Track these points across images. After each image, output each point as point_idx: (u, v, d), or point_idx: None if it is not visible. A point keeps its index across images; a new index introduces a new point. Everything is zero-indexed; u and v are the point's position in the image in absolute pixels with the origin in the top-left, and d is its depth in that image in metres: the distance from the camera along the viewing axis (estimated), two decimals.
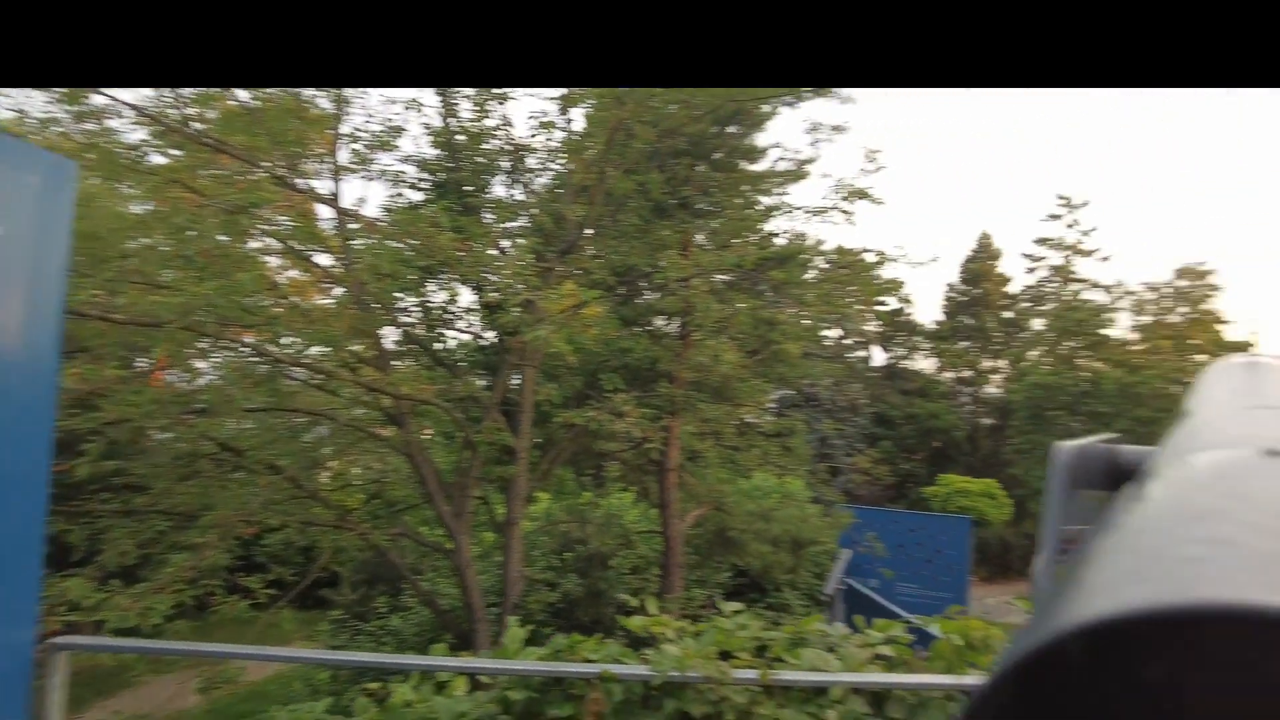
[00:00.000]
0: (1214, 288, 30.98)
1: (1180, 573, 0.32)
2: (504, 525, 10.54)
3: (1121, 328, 31.62)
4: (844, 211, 11.32)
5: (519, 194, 11.45)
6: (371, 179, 10.10)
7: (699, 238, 12.60)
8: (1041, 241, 35.67)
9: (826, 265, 19.87)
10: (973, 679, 2.74)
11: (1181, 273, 31.12)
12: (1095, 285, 33.50)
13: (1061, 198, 34.91)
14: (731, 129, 12.87)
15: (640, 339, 11.96)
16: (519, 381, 10.87)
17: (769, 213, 12.38)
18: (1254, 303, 70.47)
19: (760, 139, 13.57)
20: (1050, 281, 35.62)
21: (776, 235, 13.35)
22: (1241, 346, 32.77)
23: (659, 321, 13.70)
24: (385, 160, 10.20)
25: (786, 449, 13.85)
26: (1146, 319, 31.32)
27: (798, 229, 12.83)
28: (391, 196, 11.26)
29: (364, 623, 12.71)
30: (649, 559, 13.68)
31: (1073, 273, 34.86)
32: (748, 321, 11.51)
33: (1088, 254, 34.63)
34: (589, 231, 10.20)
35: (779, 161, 13.09)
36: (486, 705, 2.82)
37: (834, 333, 36.39)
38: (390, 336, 10.73)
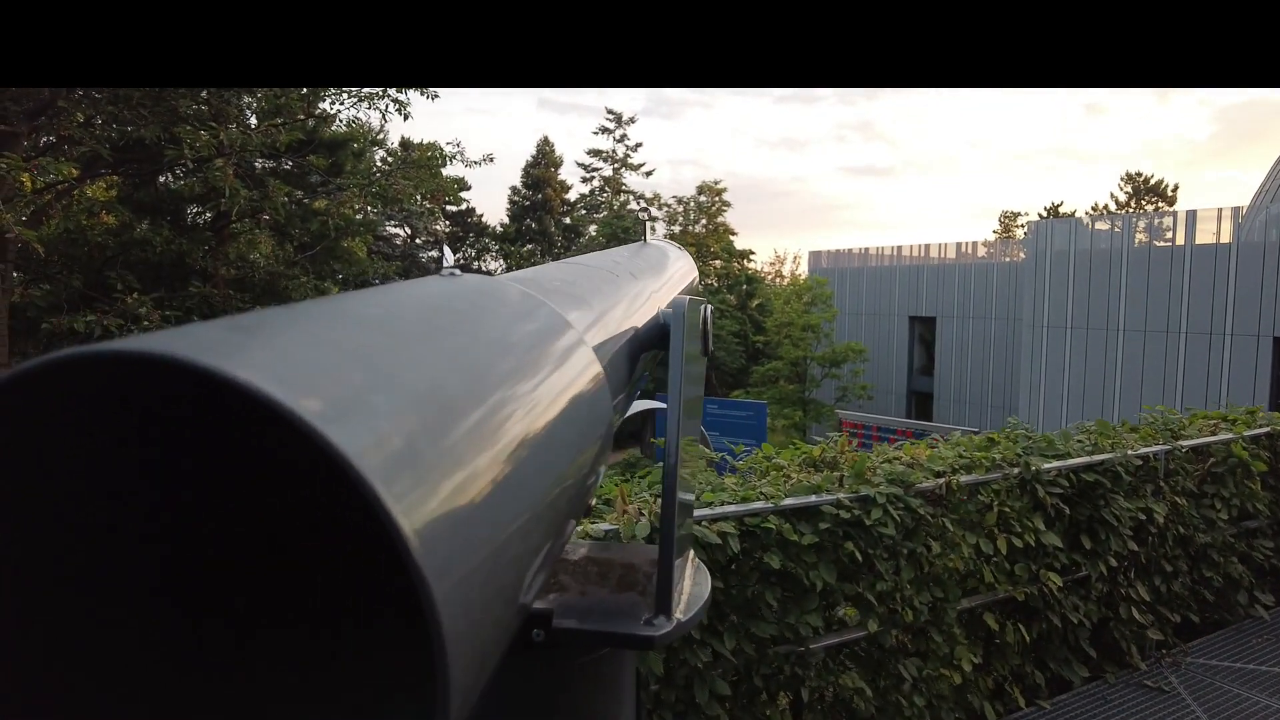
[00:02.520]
0: (726, 204, 36.88)
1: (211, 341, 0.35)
2: None
3: (658, 235, 36.09)
4: (397, 101, 10.80)
5: None
6: None
7: (251, 119, 10.99)
8: (594, 153, 38.73)
9: (389, 158, 18.88)
10: None
11: (701, 189, 36.35)
12: (638, 197, 37.62)
13: (611, 113, 38.05)
14: None
15: (162, 229, 10.20)
16: None
17: (316, 94, 11.27)
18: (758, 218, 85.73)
19: None
20: (602, 191, 39.03)
21: (329, 119, 12.28)
22: (746, 254, 39.88)
23: (194, 210, 11.84)
24: None
25: None
26: (676, 228, 36.18)
27: (360, 117, 11.96)
28: None
29: None
30: None
31: (621, 184, 38.62)
32: (287, 212, 10.50)
33: (634, 168, 38.62)
34: (76, 91, 8.20)
35: None
36: None
37: (403, 231, 35.50)
38: None
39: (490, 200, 74.25)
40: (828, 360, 27.36)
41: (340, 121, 15.46)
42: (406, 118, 11.08)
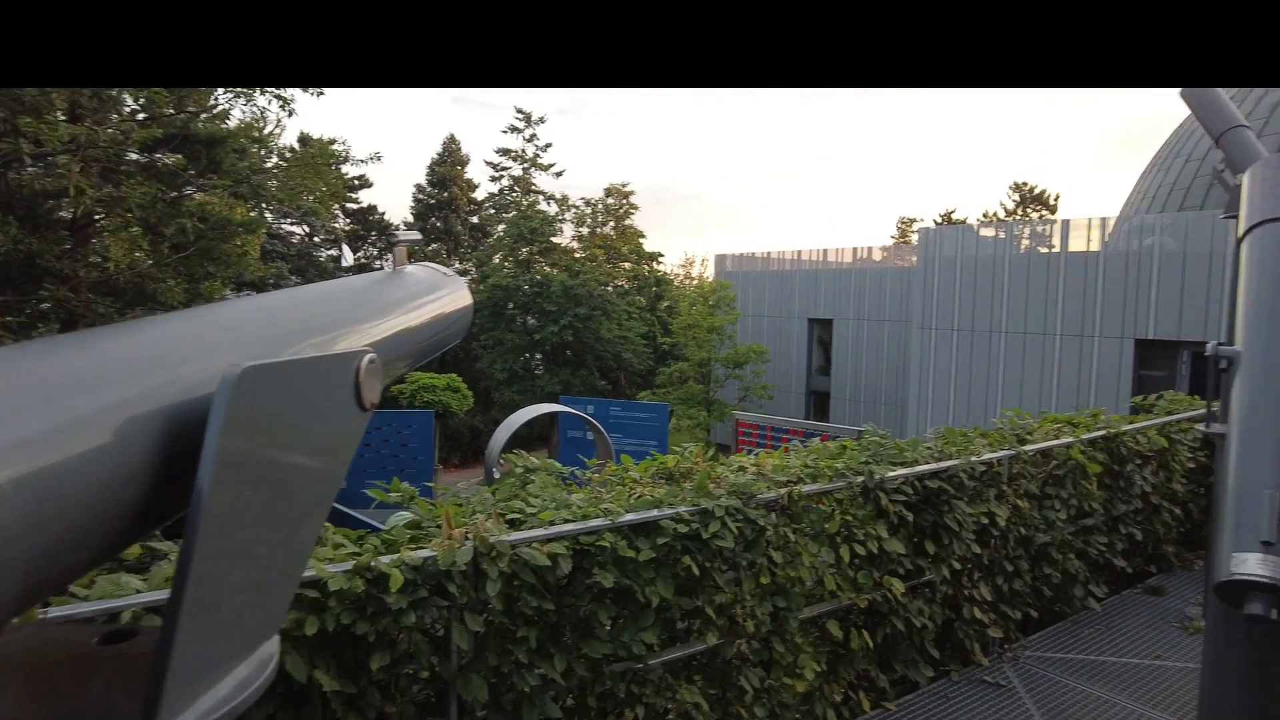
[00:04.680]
0: (634, 206, 36.99)
1: None
2: None
3: (566, 236, 35.91)
4: (279, 98, 10.35)
5: None
6: None
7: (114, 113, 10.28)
8: (504, 152, 38.22)
9: (286, 155, 18.15)
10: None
11: (609, 191, 36.36)
12: (548, 197, 37.32)
13: (521, 112, 37.65)
14: None
15: (9, 227, 9.47)
16: None
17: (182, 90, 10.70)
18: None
19: None
20: (511, 191, 38.55)
21: (206, 113, 11.67)
22: (655, 256, 40.12)
23: (49, 205, 11.02)
24: None
25: None
26: (585, 230, 36.08)
27: (255, 113, 11.40)
28: None
29: None
30: None
31: (531, 184, 38.24)
32: (158, 211, 9.90)
33: (544, 168, 38.28)
34: None
35: None
36: None
37: (300, 229, 34.21)
38: None
39: (395, 198, 72.31)
40: (731, 361, 27.82)
41: (231, 118, 14.77)
42: (290, 114, 10.62)
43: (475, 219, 39.22)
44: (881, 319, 27.03)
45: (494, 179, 38.72)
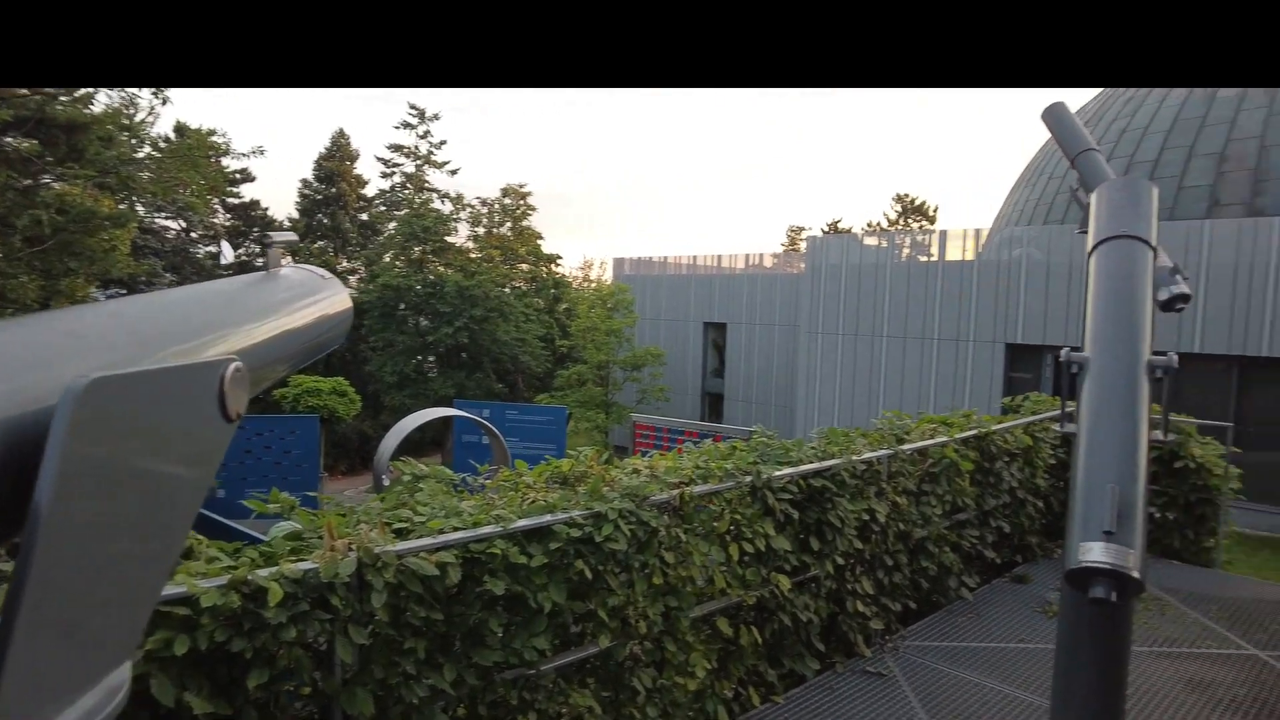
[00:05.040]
0: (531, 207, 36.70)
1: None
2: None
3: (461, 236, 35.26)
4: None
5: None
6: None
7: None
8: (396, 148, 37.16)
9: (159, 145, 17.03)
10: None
11: (506, 191, 35.95)
12: (443, 196, 36.52)
13: (414, 108, 36.72)
14: None
15: None
16: None
17: None
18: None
19: None
20: (404, 188, 37.52)
21: (67, 95, 10.83)
22: (553, 258, 39.93)
23: None
24: None
25: None
26: (481, 230, 35.52)
27: (116, 101, 10.61)
28: None
29: None
30: None
31: (425, 181, 37.33)
32: (8, 201, 9.11)
33: (439, 165, 37.43)
34: None
35: None
36: None
37: (176, 224, 32.21)
38: None
39: (281, 193, 69.11)
40: (629, 364, 28.02)
41: (96, 102, 13.71)
42: (165, 101, 9.98)
43: (365, 216, 37.97)
44: (772, 323, 27.83)
45: (385, 175, 37.60)
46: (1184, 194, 19.89)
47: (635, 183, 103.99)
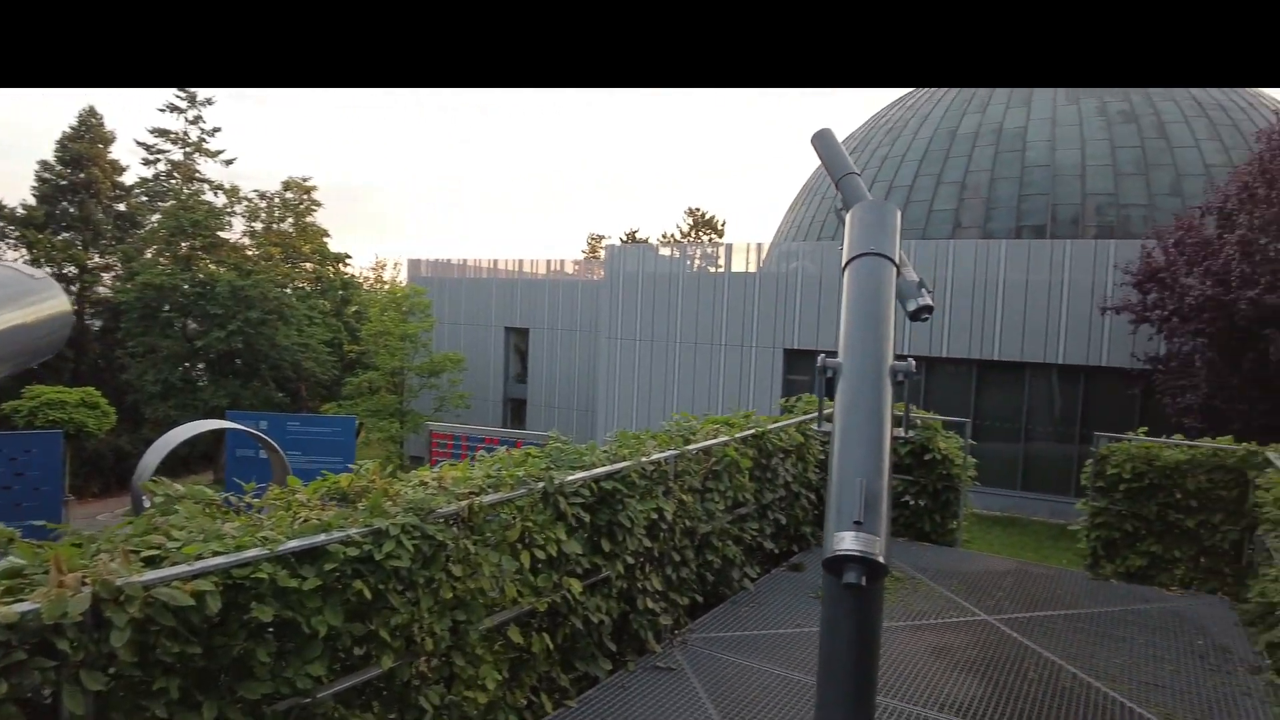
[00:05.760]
0: (316, 203, 34.50)
1: None
2: None
3: (237, 231, 32.43)
4: None
5: None
6: None
7: None
8: (161, 133, 33.51)
9: None
10: None
11: (287, 185, 33.55)
12: (216, 187, 33.37)
13: (182, 91, 33.30)
14: None
15: None
16: None
17: None
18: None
19: None
20: (170, 178, 33.88)
21: None
22: (342, 257, 37.71)
23: None
24: None
25: None
26: (259, 225, 32.87)
27: None
28: None
29: None
30: None
31: (195, 171, 33.93)
32: None
33: (212, 154, 34.16)
34: None
35: None
36: None
37: None
38: None
39: (13, 178, 59.84)
40: (426, 370, 27.11)
41: None
42: None
43: (122, 207, 33.86)
44: (574, 328, 28.13)
45: (148, 162, 33.80)
46: (934, 216, 22.50)
47: (437, 184, 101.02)
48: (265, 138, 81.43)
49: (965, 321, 18.95)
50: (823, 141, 4.73)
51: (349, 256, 38.10)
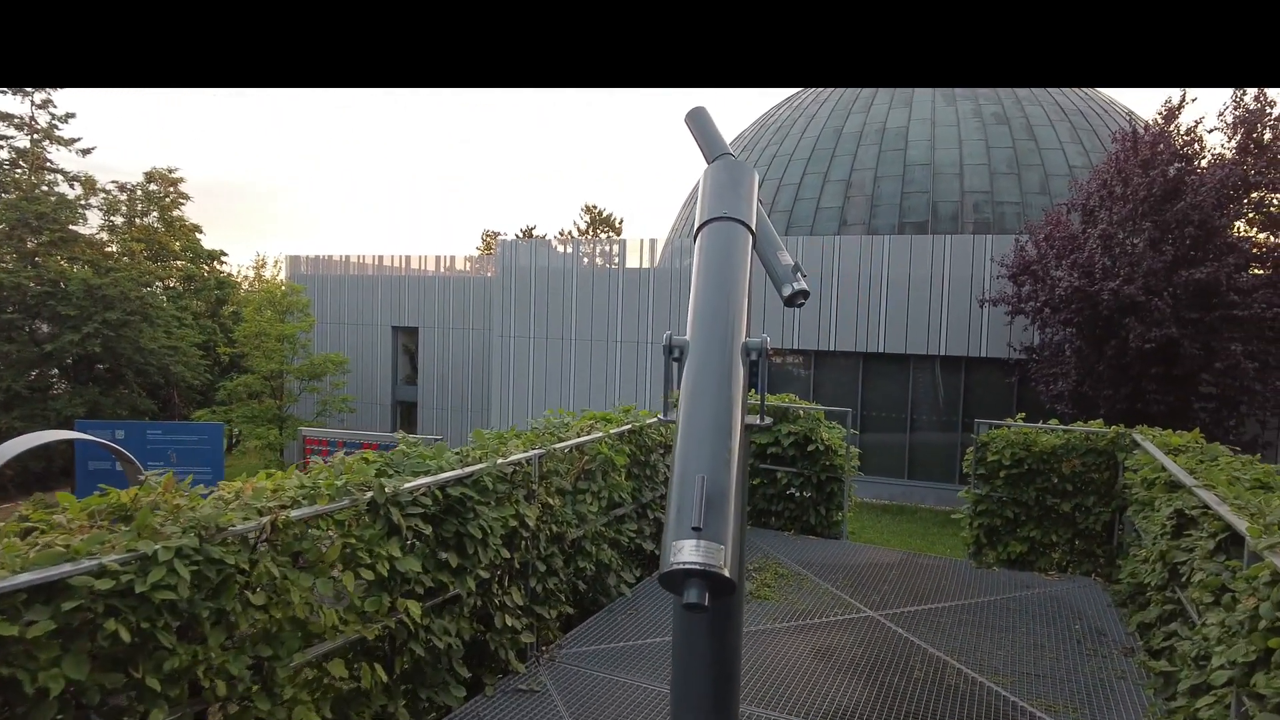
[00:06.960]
0: (184, 195, 32.17)
1: None
2: None
3: (93, 226, 29.86)
4: None
5: None
6: None
7: None
8: (2, 117, 30.44)
9: None
10: None
11: (150, 176, 31.17)
12: (70, 178, 30.58)
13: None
14: None
15: None
16: None
17: None
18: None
19: None
20: (14, 166, 30.83)
21: None
22: (216, 255, 35.34)
23: None
24: None
25: None
26: (119, 219, 30.37)
27: None
28: None
29: None
30: None
31: (45, 160, 30.98)
32: None
33: (66, 142, 31.28)
34: None
35: None
36: None
37: None
38: None
39: None
40: (306, 373, 25.61)
41: None
42: None
43: None
44: (466, 327, 27.19)
45: None
46: (821, 213, 22.80)
47: (324, 180, 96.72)
48: (140, 130, 75.98)
49: (852, 315, 19.23)
50: (696, 121, 4.37)
51: (225, 254, 35.78)
